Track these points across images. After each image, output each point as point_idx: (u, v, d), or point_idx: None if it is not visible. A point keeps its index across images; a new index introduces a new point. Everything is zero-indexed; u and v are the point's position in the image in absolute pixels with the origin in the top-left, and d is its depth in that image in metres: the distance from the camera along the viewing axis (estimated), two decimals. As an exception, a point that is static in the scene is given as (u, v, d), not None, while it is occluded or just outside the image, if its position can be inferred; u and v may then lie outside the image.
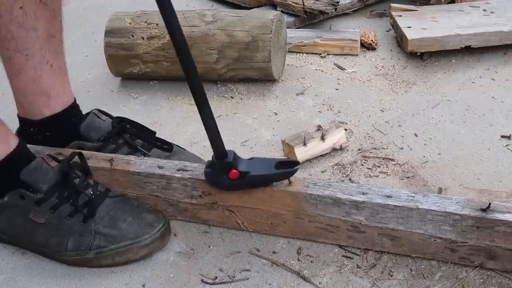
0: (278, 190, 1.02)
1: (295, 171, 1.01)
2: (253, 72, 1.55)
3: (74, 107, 1.22)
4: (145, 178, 1.09)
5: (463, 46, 1.65)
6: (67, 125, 1.20)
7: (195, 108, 1.51)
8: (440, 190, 1.12)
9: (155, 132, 1.26)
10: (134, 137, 1.22)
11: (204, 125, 0.98)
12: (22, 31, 1.07)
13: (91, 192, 1.06)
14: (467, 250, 0.97)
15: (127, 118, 1.24)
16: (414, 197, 0.98)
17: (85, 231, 1.02)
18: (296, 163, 1.03)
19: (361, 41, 1.78)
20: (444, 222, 0.96)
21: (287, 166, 1.02)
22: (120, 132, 1.21)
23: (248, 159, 1.04)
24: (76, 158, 1.09)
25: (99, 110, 1.23)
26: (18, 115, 1.21)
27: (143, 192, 1.10)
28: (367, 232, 1.01)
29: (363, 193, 0.99)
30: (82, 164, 1.09)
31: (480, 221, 0.94)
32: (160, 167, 1.09)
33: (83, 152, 1.12)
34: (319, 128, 1.33)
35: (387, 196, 0.98)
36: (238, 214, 1.07)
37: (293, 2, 1.86)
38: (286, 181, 1.03)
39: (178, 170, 1.08)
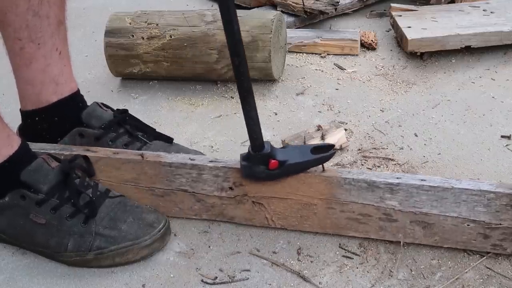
0: (312, 175, 1.03)
1: (332, 154, 1.02)
2: (253, 72, 1.55)
3: (79, 94, 1.23)
4: (176, 170, 1.09)
5: (463, 46, 1.65)
6: (73, 110, 1.20)
7: (195, 108, 1.53)
8: None
9: (154, 129, 1.27)
10: (135, 128, 1.22)
11: (246, 116, 0.98)
12: (36, 20, 1.08)
13: (91, 193, 1.06)
14: (500, 234, 0.99)
15: (128, 111, 1.24)
16: (448, 180, 1.00)
17: (86, 232, 1.02)
18: (331, 146, 1.03)
19: (361, 41, 1.78)
20: (479, 202, 0.97)
21: (322, 151, 1.02)
22: (121, 122, 1.21)
23: (282, 148, 1.05)
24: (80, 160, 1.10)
25: (102, 103, 1.24)
26: (20, 109, 1.21)
27: (171, 186, 1.10)
28: (399, 220, 1.02)
29: (397, 178, 1.01)
30: (85, 165, 1.09)
31: None
32: (192, 159, 1.09)
33: (87, 154, 1.12)
34: (319, 128, 1.33)
35: (422, 179, 1.00)
36: (268, 207, 1.07)
37: (293, 2, 1.86)
38: (320, 168, 1.03)
39: (210, 161, 1.09)
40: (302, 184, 1.04)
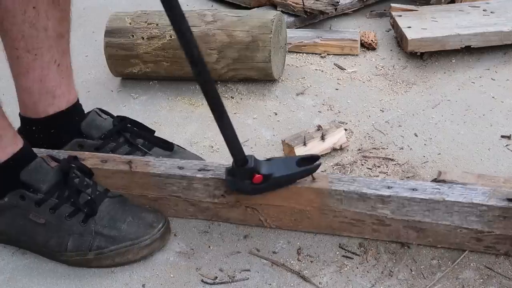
0: (302, 187, 1.02)
1: (318, 166, 1.02)
2: (253, 72, 1.55)
3: (77, 106, 1.23)
4: (166, 179, 1.08)
5: (463, 46, 1.64)
6: (70, 123, 1.20)
7: (195, 108, 1.53)
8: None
9: (154, 131, 1.27)
10: (135, 136, 1.22)
11: (223, 133, 0.96)
12: (33, 31, 1.08)
13: (91, 192, 1.06)
14: (493, 239, 0.99)
15: (128, 117, 1.24)
16: (439, 189, 0.99)
17: (85, 232, 1.02)
18: (317, 157, 1.02)
19: (361, 41, 1.78)
20: (471, 213, 0.97)
21: (308, 162, 1.02)
22: (121, 130, 1.21)
23: (267, 160, 1.04)
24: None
25: (100, 109, 1.23)
26: (20, 114, 1.21)
27: (163, 193, 1.10)
28: (393, 225, 1.02)
29: (388, 187, 1.00)
30: (82, 165, 1.09)
31: (507, 211, 0.95)
32: (180, 168, 1.08)
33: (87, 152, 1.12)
34: (319, 128, 1.33)
35: (413, 189, 0.99)
36: (261, 211, 1.07)
37: (293, 2, 1.86)
38: (310, 178, 1.03)
39: (199, 170, 1.08)
40: (293, 194, 1.04)
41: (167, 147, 1.22)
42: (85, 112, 1.24)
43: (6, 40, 1.10)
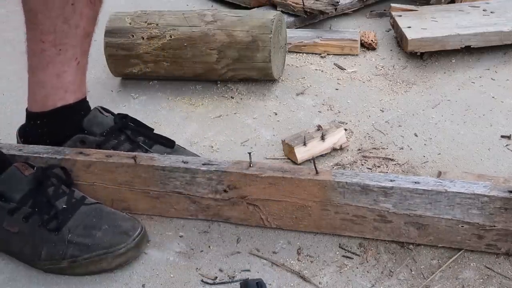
0: (305, 179, 1.03)
1: None
2: (253, 72, 1.55)
3: (84, 102, 1.23)
4: (169, 173, 1.08)
5: (463, 46, 1.64)
6: (74, 118, 1.20)
7: (195, 108, 1.53)
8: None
9: (153, 129, 1.27)
10: (136, 133, 1.22)
11: None
12: (65, 27, 1.09)
13: (66, 200, 1.03)
14: (494, 235, 0.99)
15: (128, 115, 1.24)
16: (441, 182, 1.00)
17: (59, 240, 1.00)
18: None
19: (361, 41, 1.78)
20: (473, 205, 0.97)
21: None
22: (122, 128, 1.21)
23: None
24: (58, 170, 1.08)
25: (102, 107, 1.24)
26: (26, 109, 1.22)
27: (166, 188, 1.10)
28: (394, 222, 1.02)
29: (391, 180, 1.01)
30: (63, 175, 1.07)
31: (509, 202, 0.95)
32: (185, 162, 1.09)
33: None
34: (319, 128, 1.33)
35: (415, 182, 1.00)
36: (263, 209, 1.07)
37: (293, 2, 1.86)
38: (313, 171, 1.03)
39: (203, 164, 1.08)
40: (295, 187, 1.03)
41: (168, 145, 1.23)
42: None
43: (34, 33, 1.10)
